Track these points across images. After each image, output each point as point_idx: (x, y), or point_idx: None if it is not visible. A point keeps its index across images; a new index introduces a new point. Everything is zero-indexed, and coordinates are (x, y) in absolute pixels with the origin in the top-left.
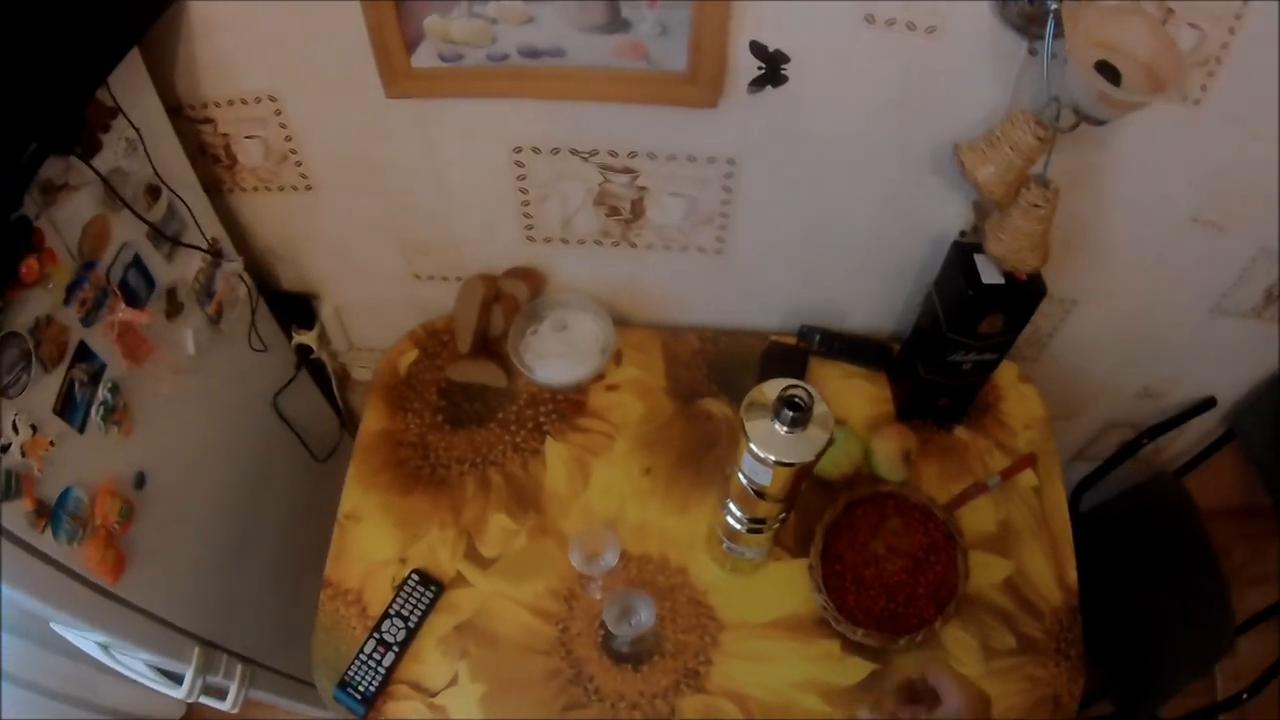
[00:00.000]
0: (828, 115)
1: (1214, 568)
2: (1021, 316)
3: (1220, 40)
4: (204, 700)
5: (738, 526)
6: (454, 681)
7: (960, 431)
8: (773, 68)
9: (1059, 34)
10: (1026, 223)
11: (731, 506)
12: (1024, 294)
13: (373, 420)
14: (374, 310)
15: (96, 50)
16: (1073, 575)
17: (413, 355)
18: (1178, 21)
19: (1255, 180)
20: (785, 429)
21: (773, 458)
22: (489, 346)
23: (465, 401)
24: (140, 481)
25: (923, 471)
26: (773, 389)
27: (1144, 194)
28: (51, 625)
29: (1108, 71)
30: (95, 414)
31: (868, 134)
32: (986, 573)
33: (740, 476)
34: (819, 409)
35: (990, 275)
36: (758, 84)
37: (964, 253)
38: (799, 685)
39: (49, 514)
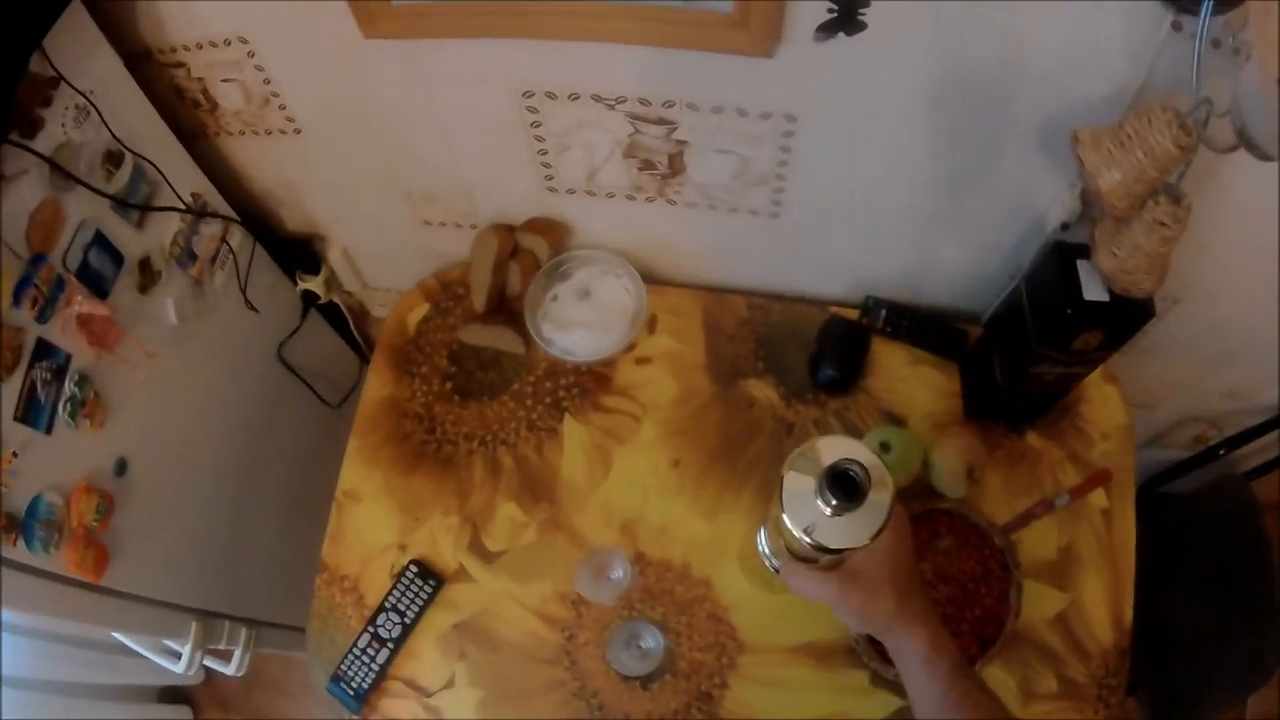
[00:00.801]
0: (913, 70)
1: (1271, 590)
2: (1122, 336)
3: None
4: (208, 665)
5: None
6: (450, 683)
7: (1032, 437)
8: (847, 9)
9: (1218, 11)
10: (1148, 241)
11: (786, 520)
12: (1129, 314)
13: (376, 385)
14: (384, 254)
15: (21, 15)
16: (1129, 613)
17: (423, 310)
18: None
19: None
20: (830, 511)
21: (807, 539)
22: (507, 305)
23: (478, 368)
24: (121, 468)
25: (986, 482)
26: (829, 450)
27: (1266, 197)
28: None
29: None
30: (62, 412)
31: (961, 96)
32: (1039, 605)
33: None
34: (876, 484)
35: (1094, 291)
36: (828, 29)
37: (1065, 257)
38: (820, 718)
39: (18, 526)
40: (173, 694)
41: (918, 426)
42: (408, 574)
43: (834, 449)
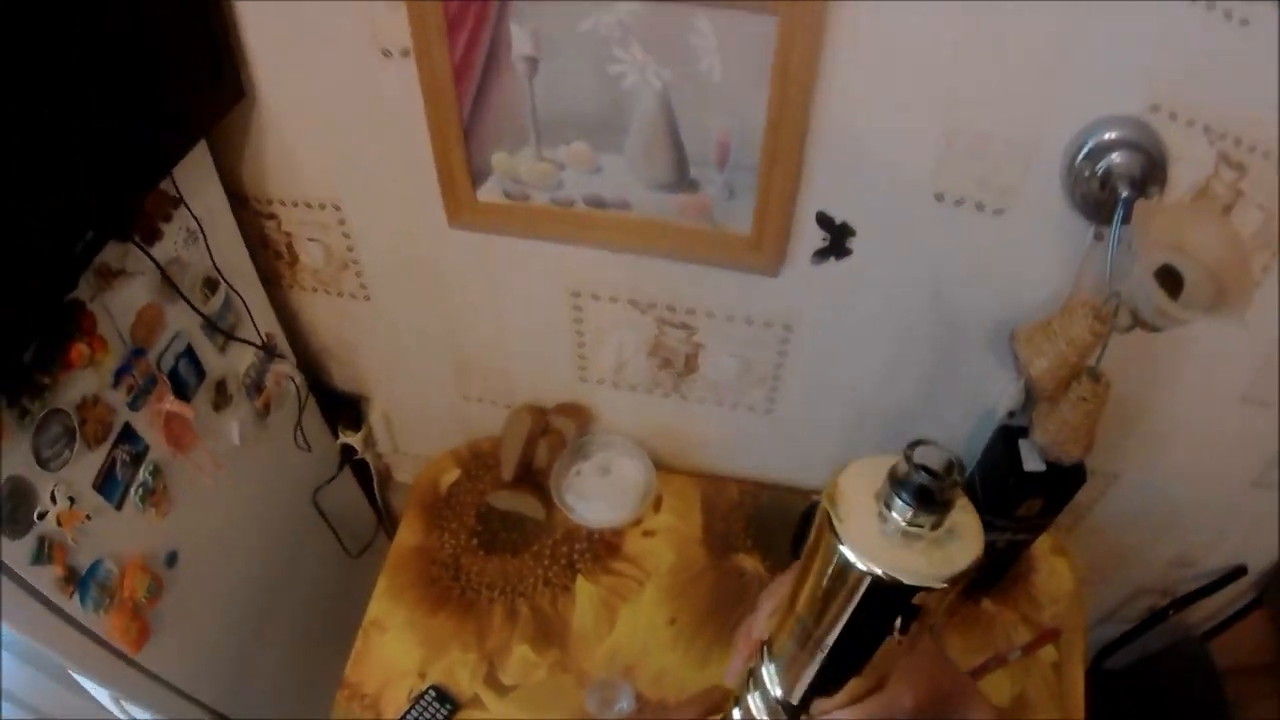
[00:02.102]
0: (888, 289)
1: None
2: (1060, 501)
3: None
4: None
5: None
6: None
7: (987, 603)
8: (838, 240)
9: (1127, 220)
10: (1074, 415)
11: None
12: (1064, 480)
13: (408, 535)
14: (422, 420)
15: (161, 141)
16: None
17: (454, 474)
18: (1247, 204)
19: None
20: (905, 523)
21: (877, 569)
22: (531, 477)
23: (502, 529)
24: (172, 560)
25: (945, 643)
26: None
27: (1195, 376)
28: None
29: (1170, 278)
30: (134, 494)
31: (927, 308)
32: None
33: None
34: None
35: (1032, 462)
36: (821, 255)
37: (1009, 437)
38: None
39: (77, 581)
40: None
41: None
42: (427, 696)
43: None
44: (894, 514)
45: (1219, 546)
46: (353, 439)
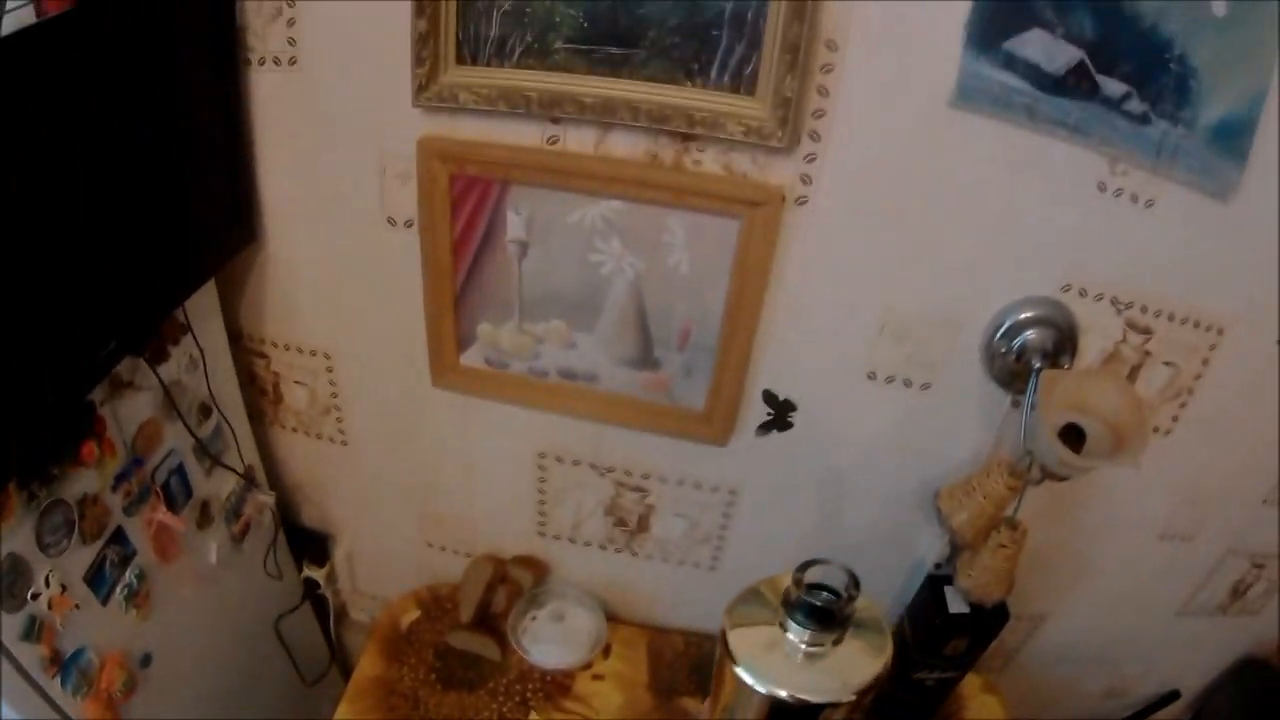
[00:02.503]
0: (825, 456)
1: None
2: (985, 639)
3: (1194, 372)
4: None
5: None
6: None
7: None
8: (781, 414)
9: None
10: (994, 560)
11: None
12: (988, 620)
13: (369, 665)
14: (383, 562)
15: (181, 271)
16: None
17: (414, 614)
18: (1154, 362)
19: (1225, 485)
20: (805, 643)
21: (781, 691)
22: (488, 620)
23: (459, 666)
24: (146, 661)
25: None
26: (781, 579)
27: (1112, 520)
28: None
29: (1075, 433)
30: (119, 592)
31: (860, 472)
32: None
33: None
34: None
35: (957, 605)
36: (765, 428)
37: (935, 585)
38: None
39: (61, 664)
40: None
41: None
42: None
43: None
44: (791, 636)
45: (1150, 675)
46: (317, 574)
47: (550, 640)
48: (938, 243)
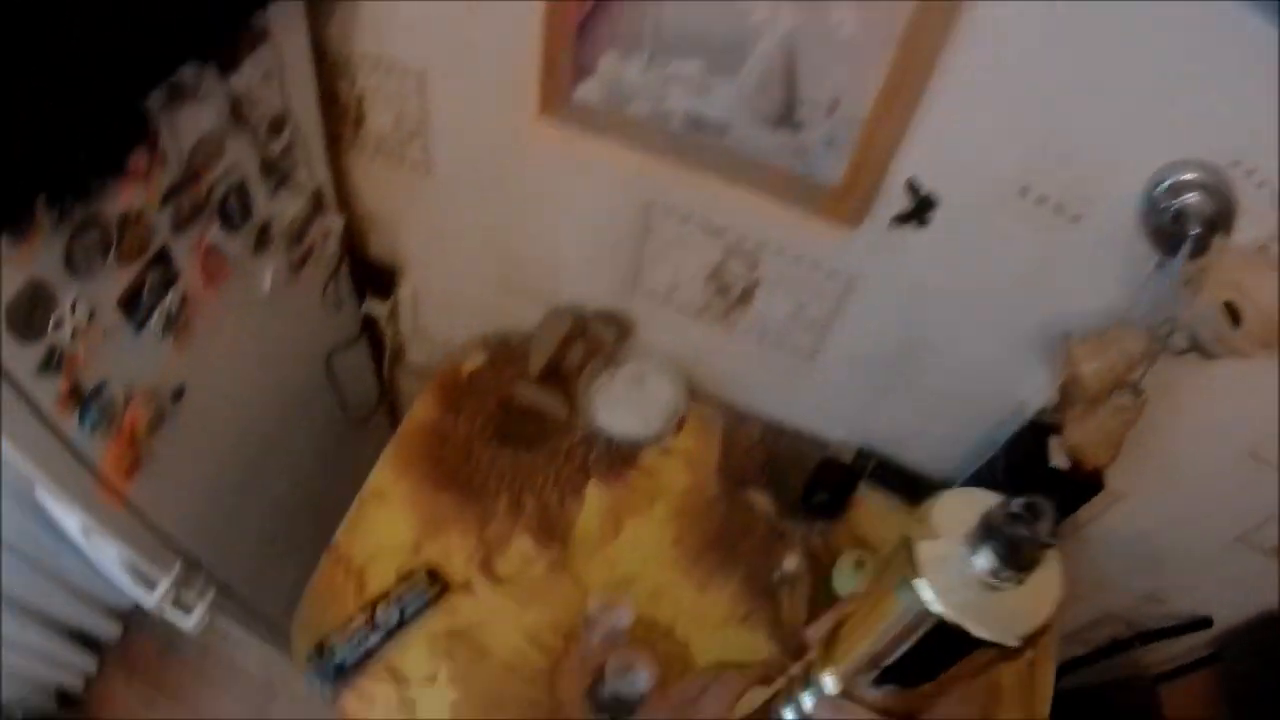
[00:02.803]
0: (954, 267)
1: None
2: (1074, 504)
3: None
4: (169, 612)
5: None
6: (432, 679)
7: None
8: (921, 209)
9: (1192, 256)
10: (1110, 422)
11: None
12: (1082, 486)
13: (423, 410)
14: (452, 304)
15: None
16: None
17: (479, 361)
18: None
19: None
20: (989, 574)
21: (958, 618)
22: (559, 377)
23: (521, 421)
24: (178, 395)
25: None
26: (968, 503)
27: (1218, 420)
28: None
29: (1230, 313)
30: (156, 319)
31: (985, 291)
32: None
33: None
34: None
35: (1058, 459)
36: (901, 220)
37: (1039, 432)
38: None
39: (81, 399)
40: (83, 639)
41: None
42: (417, 575)
43: (971, 500)
44: (978, 561)
45: (1191, 593)
46: (378, 309)
47: (623, 406)
48: (1123, 73)
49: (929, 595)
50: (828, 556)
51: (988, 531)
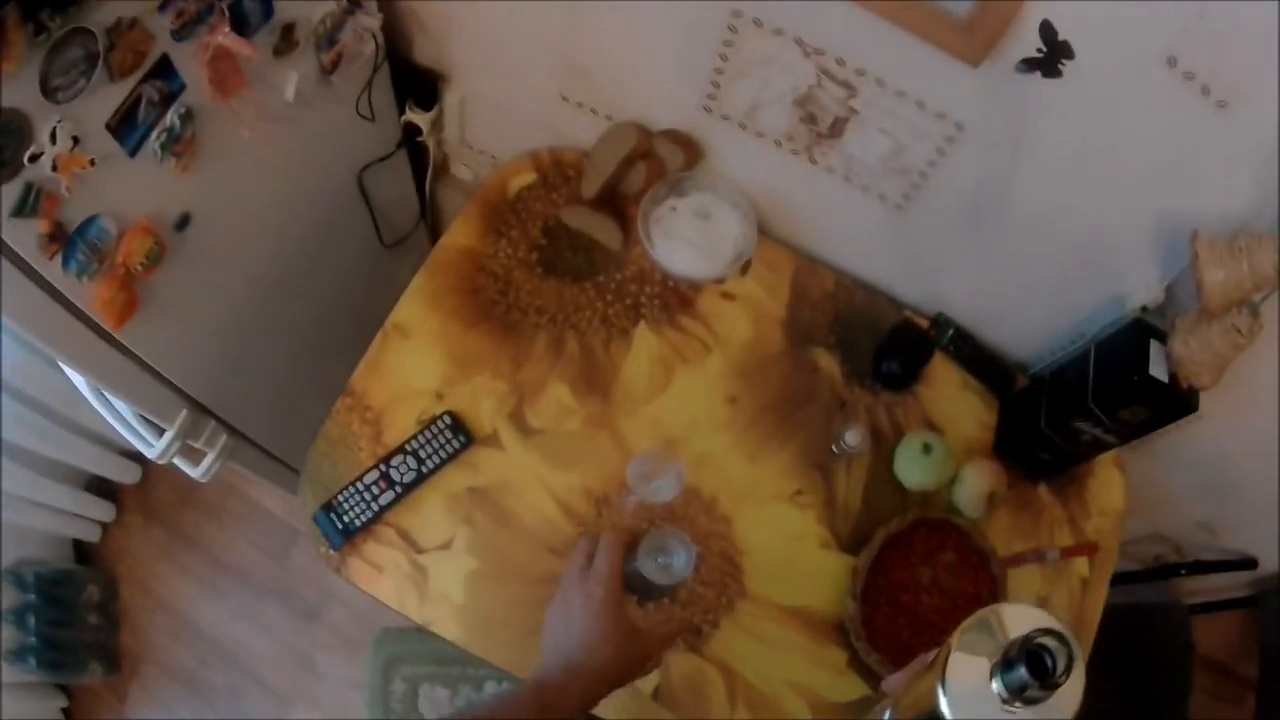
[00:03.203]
0: (1079, 129)
1: None
2: (1162, 420)
3: None
4: (177, 462)
5: None
6: (447, 545)
7: (1043, 490)
8: (1053, 56)
9: None
10: (1221, 342)
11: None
12: (1176, 402)
13: (461, 233)
14: (503, 115)
15: None
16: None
17: (529, 178)
18: None
19: None
20: (1010, 701)
21: None
22: (616, 202)
23: (569, 250)
24: (183, 223)
25: (993, 515)
26: (1014, 620)
27: None
28: None
29: None
30: (154, 140)
31: (1105, 167)
32: None
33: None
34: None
35: (1159, 369)
36: (1029, 65)
37: (1142, 333)
38: (792, 685)
39: (64, 240)
40: (101, 487)
41: (952, 445)
42: (439, 423)
43: (1018, 617)
44: (997, 685)
45: (1243, 531)
46: (420, 119)
47: (685, 240)
48: None
49: (943, 704)
50: (893, 434)
51: (1005, 664)
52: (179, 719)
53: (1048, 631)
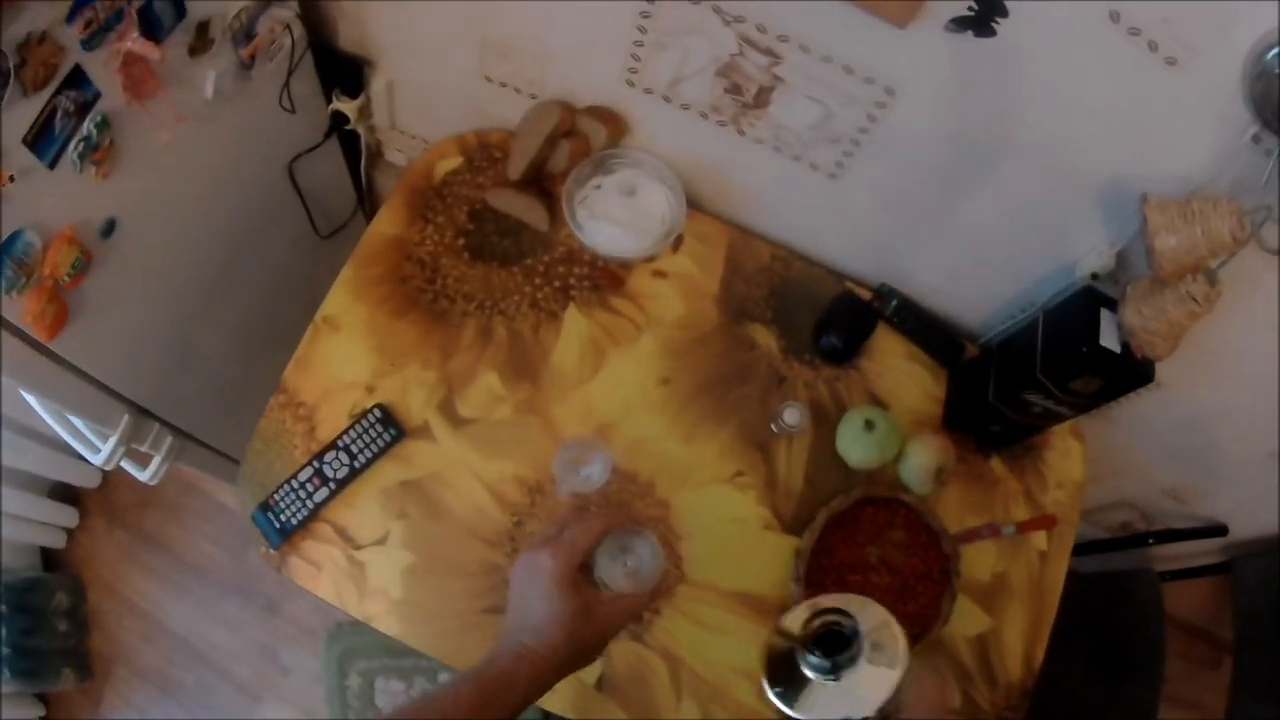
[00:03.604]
0: (1016, 91)
1: (1155, 691)
2: (1117, 390)
3: None
4: (124, 466)
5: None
6: (383, 540)
7: (996, 463)
8: (986, 13)
9: None
10: (1175, 310)
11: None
12: (1131, 372)
13: (387, 222)
14: (430, 97)
15: None
16: (1039, 657)
17: (455, 162)
18: None
19: None
20: (820, 676)
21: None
22: (542, 183)
23: (495, 234)
24: (109, 229)
25: (944, 491)
26: (798, 616)
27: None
28: None
29: None
30: (72, 150)
31: (1050, 125)
32: (963, 623)
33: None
34: (877, 640)
35: (1110, 339)
36: (960, 24)
37: (1092, 302)
38: (738, 670)
39: None
40: (63, 493)
41: (898, 419)
42: (370, 417)
43: (803, 611)
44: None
45: (1213, 498)
46: (347, 106)
47: (612, 219)
48: None
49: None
50: (835, 410)
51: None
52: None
53: (832, 610)
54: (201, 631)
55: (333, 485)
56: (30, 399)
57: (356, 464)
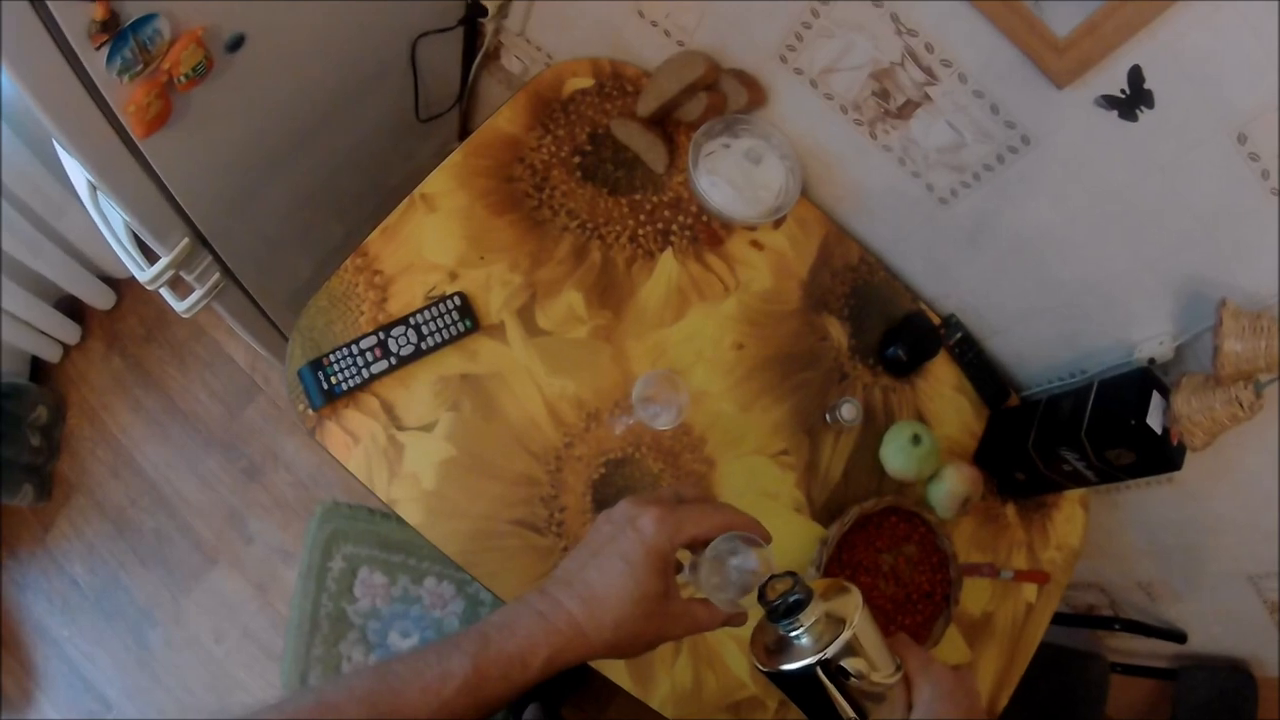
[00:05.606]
0: (1138, 174)
1: None
2: (1145, 469)
3: None
4: (163, 293)
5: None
6: (429, 428)
7: (1010, 509)
8: (1134, 100)
9: None
10: (1222, 410)
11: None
12: (1163, 454)
13: (507, 119)
14: (572, 16)
15: None
16: (1003, 703)
17: (585, 82)
18: None
19: None
20: (787, 629)
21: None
22: (667, 125)
23: (611, 162)
24: (236, 43)
25: (962, 520)
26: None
27: None
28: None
29: None
30: None
31: (1151, 217)
32: (946, 650)
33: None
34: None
35: (1155, 419)
36: (1109, 102)
37: (1146, 382)
38: (736, 637)
39: (115, 32)
40: (70, 306)
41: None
42: (449, 302)
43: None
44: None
45: (1181, 603)
46: (490, 1)
47: (730, 181)
48: None
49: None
50: (884, 417)
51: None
52: (99, 556)
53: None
54: (174, 480)
55: (393, 360)
56: (86, 200)
57: (424, 345)
